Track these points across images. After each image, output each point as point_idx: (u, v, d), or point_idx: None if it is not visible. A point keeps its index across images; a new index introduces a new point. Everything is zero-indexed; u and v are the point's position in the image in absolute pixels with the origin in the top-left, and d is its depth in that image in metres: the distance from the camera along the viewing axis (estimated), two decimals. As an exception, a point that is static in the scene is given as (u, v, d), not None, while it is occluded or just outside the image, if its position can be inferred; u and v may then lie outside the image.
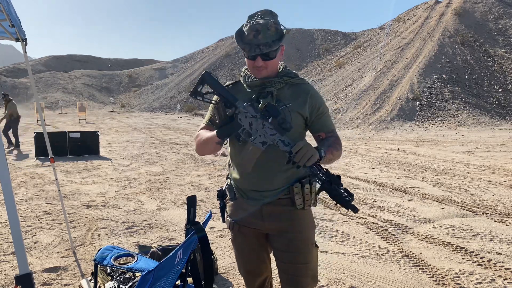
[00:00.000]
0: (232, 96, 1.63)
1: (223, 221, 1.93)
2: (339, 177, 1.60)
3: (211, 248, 2.75)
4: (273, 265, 1.96)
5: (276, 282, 2.40)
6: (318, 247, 1.85)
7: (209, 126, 1.84)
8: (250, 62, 1.70)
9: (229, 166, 1.89)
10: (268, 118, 1.58)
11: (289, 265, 1.78)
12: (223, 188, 1.92)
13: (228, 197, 1.88)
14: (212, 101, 1.70)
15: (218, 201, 1.94)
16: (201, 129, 1.87)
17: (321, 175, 1.55)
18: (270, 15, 1.67)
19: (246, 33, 1.65)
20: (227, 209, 1.90)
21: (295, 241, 1.77)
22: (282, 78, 1.75)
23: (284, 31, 1.68)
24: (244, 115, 1.59)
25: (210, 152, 1.83)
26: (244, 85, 1.80)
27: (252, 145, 1.61)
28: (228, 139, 1.71)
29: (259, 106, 1.64)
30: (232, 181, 1.86)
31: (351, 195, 1.56)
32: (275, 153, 1.67)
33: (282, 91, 1.75)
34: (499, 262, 3.54)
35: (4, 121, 11.02)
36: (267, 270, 1.95)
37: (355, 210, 1.57)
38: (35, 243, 4.00)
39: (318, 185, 1.63)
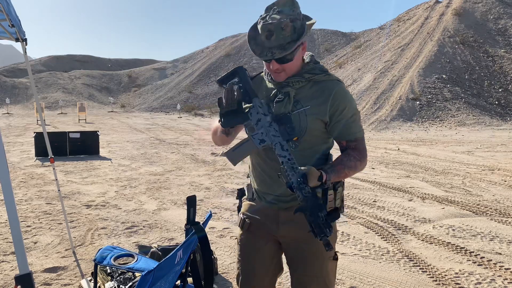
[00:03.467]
0: (253, 91, 1.50)
1: None
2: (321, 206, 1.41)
3: (211, 248, 2.75)
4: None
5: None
6: (337, 259, 1.67)
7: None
8: (266, 64, 1.55)
9: (249, 167, 1.78)
10: (277, 122, 1.45)
11: (302, 276, 1.63)
12: (244, 188, 1.81)
13: (246, 196, 1.78)
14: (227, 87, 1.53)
15: (237, 200, 1.82)
16: None
17: (303, 194, 1.37)
18: (290, 6, 1.44)
19: (259, 32, 1.47)
20: (242, 207, 1.77)
21: (309, 251, 1.60)
22: (302, 76, 1.54)
23: (306, 26, 1.47)
24: (256, 111, 1.47)
25: (221, 142, 1.69)
26: (266, 81, 1.65)
27: (250, 139, 1.47)
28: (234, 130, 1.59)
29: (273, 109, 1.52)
30: (251, 181, 1.75)
31: (329, 228, 1.36)
32: (297, 155, 1.50)
33: (302, 90, 1.55)
34: (499, 262, 3.53)
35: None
36: (267, 285, 1.73)
37: (328, 247, 1.36)
38: (35, 243, 4.00)
39: (341, 191, 1.48)
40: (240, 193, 1.82)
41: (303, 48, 1.54)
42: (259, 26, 1.47)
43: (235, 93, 1.46)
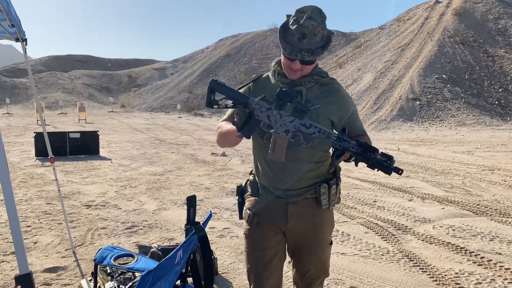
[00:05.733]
0: (242, 96, 1.61)
1: (240, 217, 1.89)
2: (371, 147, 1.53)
3: (211, 248, 2.75)
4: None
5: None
6: (331, 243, 1.90)
7: (230, 119, 1.81)
8: (287, 62, 1.65)
9: (254, 163, 1.87)
10: (283, 105, 1.54)
11: (304, 262, 1.82)
12: (243, 185, 1.91)
13: (249, 193, 1.86)
14: (228, 106, 1.67)
15: (237, 197, 1.92)
16: (222, 121, 1.85)
17: (351, 147, 1.48)
18: (319, 16, 1.56)
19: (292, 32, 1.57)
20: (247, 204, 1.86)
21: (313, 240, 1.79)
22: (312, 77, 1.71)
23: (331, 36, 1.61)
24: (259, 111, 1.57)
25: (230, 145, 1.81)
26: (272, 80, 1.77)
27: (276, 136, 1.58)
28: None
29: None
30: (256, 177, 1.85)
31: (390, 158, 1.47)
32: (302, 152, 1.68)
33: (311, 91, 1.71)
34: (499, 262, 3.54)
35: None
36: (279, 276, 1.85)
37: (399, 171, 1.46)
38: (35, 243, 4.00)
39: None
40: (240, 190, 1.90)
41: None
42: (292, 27, 1.57)
43: (240, 110, 1.61)
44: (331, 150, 1.73)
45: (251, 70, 39.67)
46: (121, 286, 2.48)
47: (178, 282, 1.98)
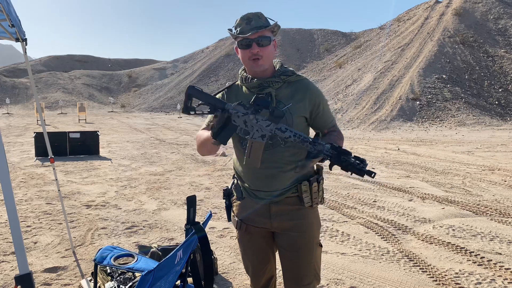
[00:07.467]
0: (219, 101, 1.63)
1: (229, 220, 1.94)
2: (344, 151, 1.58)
3: (211, 248, 2.75)
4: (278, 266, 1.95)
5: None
6: (321, 246, 1.88)
7: (208, 128, 1.84)
8: (245, 53, 1.69)
9: (234, 168, 1.90)
10: (259, 110, 1.58)
11: (293, 263, 1.80)
12: (229, 187, 1.93)
13: (234, 197, 1.89)
14: (204, 112, 1.69)
15: (224, 200, 1.95)
16: (201, 130, 1.88)
17: (326, 151, 1.52)
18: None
19: (239, 24, 1.70)
20: (234, 208, 1.90)
21: (300, 240, 1.77)
22: (279, 78, 1.74)
23: (277, 23, 1.71)
24: (236, 116, 1.59)
25: (209, 153, 1.84)
26: (243, 87, 1.80)
27: (252, 141, 1.61)
28: (230, 140, 1.72)
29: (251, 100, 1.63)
30: (238, 181, 1.87)
31: (362, 161, 1.49)
32: (281, 152, 1.70)
33: (280, 91, 1.74)
34: (499, 262, 3.53)
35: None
36: (272, 270, 1.96)
37: (371, 174, 1.48)
38: (35, 243, 4.00)
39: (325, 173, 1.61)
40: (227, 193, 1.94)
41: (274, 46, 1.75)
42: (237, 21, 1.71)
43: (220, 118, 1.62)
44: None
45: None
46: (121, 286, 2.48)
47: (178, 282, 1.98)
